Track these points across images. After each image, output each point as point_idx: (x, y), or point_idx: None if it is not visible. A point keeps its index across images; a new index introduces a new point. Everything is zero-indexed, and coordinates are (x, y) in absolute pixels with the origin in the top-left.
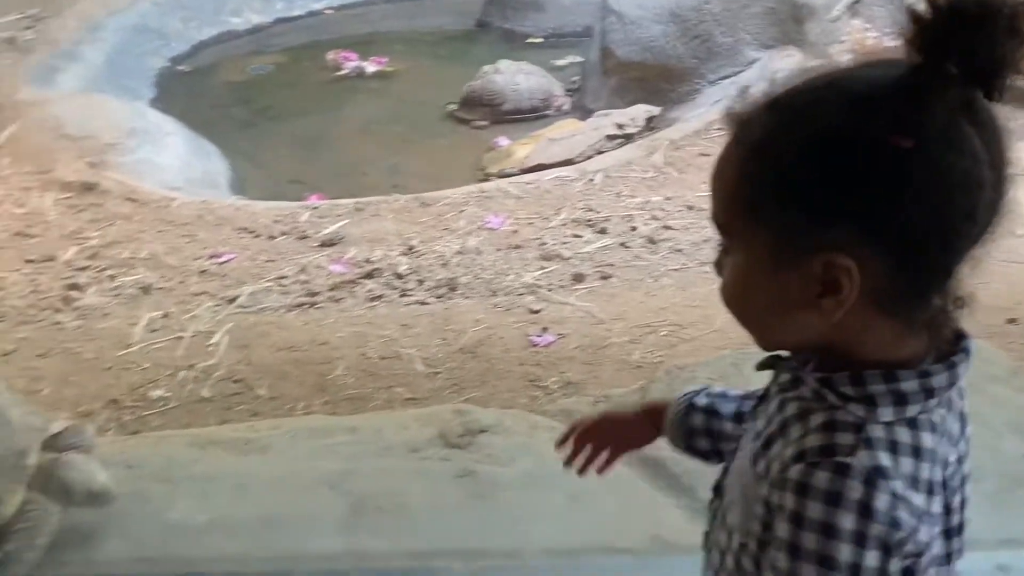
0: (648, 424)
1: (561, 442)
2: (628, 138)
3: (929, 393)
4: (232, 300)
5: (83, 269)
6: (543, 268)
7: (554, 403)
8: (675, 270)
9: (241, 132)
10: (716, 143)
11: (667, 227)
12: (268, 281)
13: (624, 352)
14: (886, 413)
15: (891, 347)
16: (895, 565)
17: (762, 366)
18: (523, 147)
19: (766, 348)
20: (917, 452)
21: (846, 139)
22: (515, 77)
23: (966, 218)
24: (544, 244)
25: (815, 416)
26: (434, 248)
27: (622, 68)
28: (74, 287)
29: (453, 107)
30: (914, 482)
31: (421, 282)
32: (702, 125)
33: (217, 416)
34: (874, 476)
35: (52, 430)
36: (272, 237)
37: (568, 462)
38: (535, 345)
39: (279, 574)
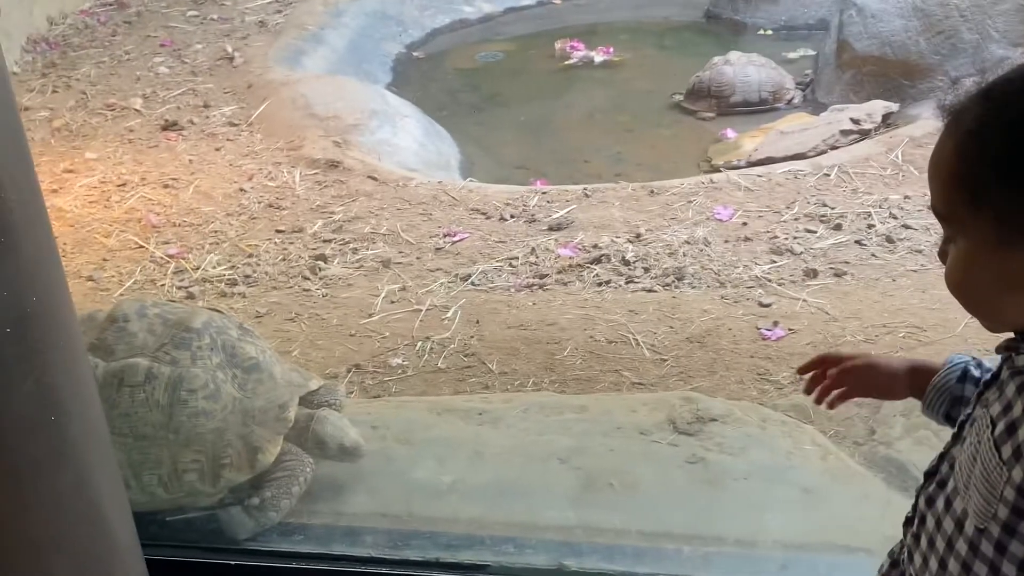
0: (905, 382)
1: (806, 368)
2: (864, 134)
3: None
4: (465, 278)
5: (328, 241)
6: (774, 262)
7: (785, 398)
8: (914, 271)
9: (470, 117)
10: None
11: (906, 226)
12: (499, 261)
13: (865, 349)
14: None
15: None
16: None
17: (1004, 348)
18: (751, 139)
19: (994, 330)
20: None
21: None
22: (745, 68)
23: None
24: (775, 238)
25: None
26: (661, 237)
27: (859, 62)
28: (320, 258)
29: (679, 97)
30: None
31: (648, 270)
32: None
33: (451, 386)
34: None
35: (310, 387)
36: (503, 219)
37: (801, 371)
38: (765, 339)
39: (514, 540)
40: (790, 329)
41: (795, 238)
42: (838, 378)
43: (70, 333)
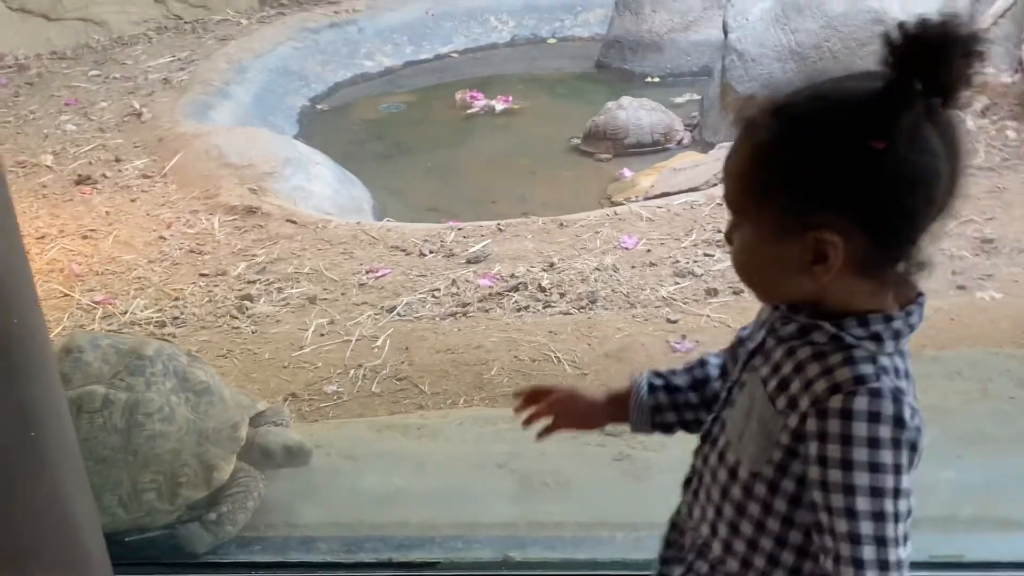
0: (605, 411)
1: (520, 396)
2: None
3: (909, 329)
4: (391, 309)
5: (253, 282)
6: (677, 284)
7: None
8: None
9: (378, 164)
10: None
11: None
12: (422, 293)
13: None
14: (889, 346)
15: (872, 300)
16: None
17: (768, 322)
18: (647, 177)
19: (764, 302)
20: (908, 375)
21: (835, 141)
22: (637, 112)
23: (927, 202)
24: (677, 262)
25: (834, 356)
26: (573, 265)
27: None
28: (247, 297)
29: (577, 141)
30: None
31: (563, 295)
32: None
33: (387, 408)
34: (898, 394)
35: (258, 408)
36: (422, 255)
37: (516, 411)
38: (675, 351)
39: (462, 537)
40: (697, 341)
41: (695, 261)
42: (546, 410)
43: (46, 354)
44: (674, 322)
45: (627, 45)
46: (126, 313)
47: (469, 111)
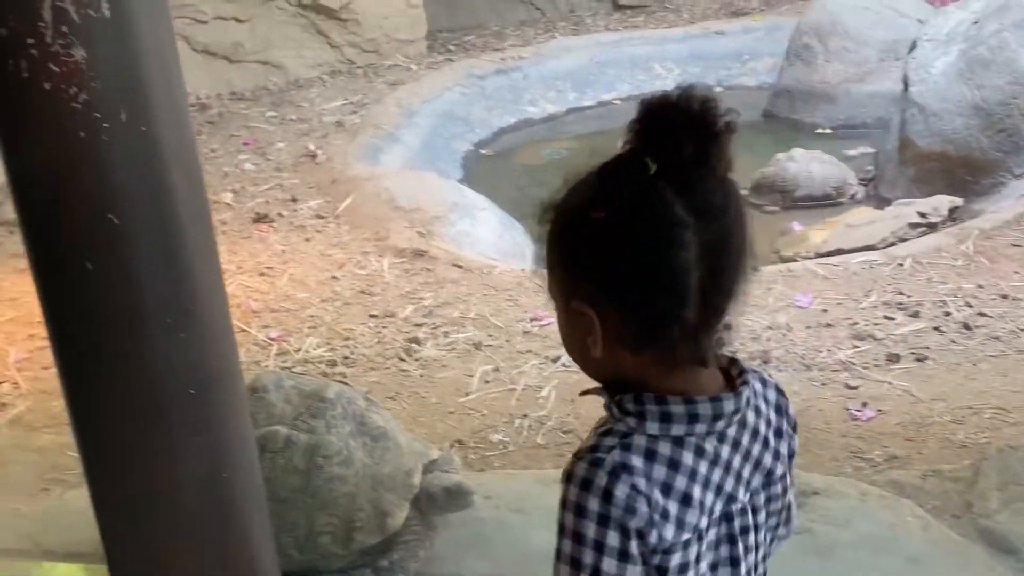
0: None
1: None
2: (931, 227)
3: (693, 418)
4: (555, 359)
5: (420, 325)
6: (856, 347)
7: (880, 474)
8: (993, 356)
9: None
10: None
11: (982, 314)
12: None
13: (947, 431)
14: (652, 427)
15: (667, 380)
16: (635, 548)
17: (584, 392)
18: (819, 232)
19: (592, 379)
20: (675, 465)
21: (568, 214)
22: (809, 165)
23: (672, 272)
24: (855, 324)
25: (601, 425)
26: (744, 322)
27: (922, 159)
28: (414, 340)
29: (744, 192)
30: (666, 488)
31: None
32: (1013, 216)
33: (552, 462)
34: (619, 470)
35: (431, 456)
36: None
37: None
38: (855, 419)
39: None
40: (879, 410)
41: (875, 324)
42: None
43: (240, 397)
44: (854, 388)
45: (797, 95)
46: (299, 351)
47: None
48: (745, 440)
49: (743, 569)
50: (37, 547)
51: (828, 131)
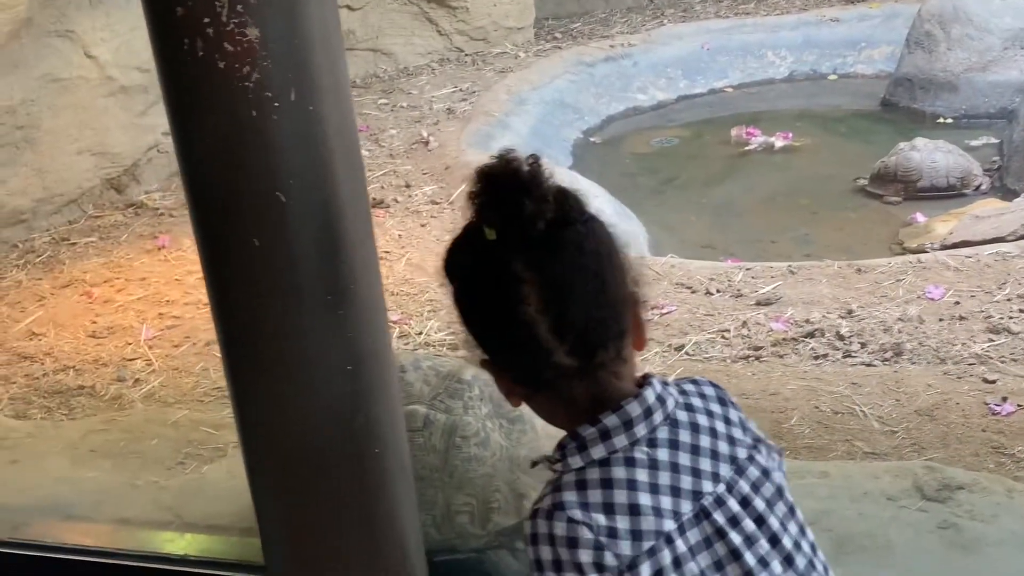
0: None
1: None
2: None
3: (606, 435)
4: (679, 348)
5: None
6: (991, 340)
7: None
8: None
9: (650, 199)
10: None
11: None
12: (711, 333)
13: None
14: (575, 461)
15: (568, 414)
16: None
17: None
18: (943, 224)
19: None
20: (608, 483)
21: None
22: (932, 154)
23: (520, 325)
24: (990, 317)
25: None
26: (874, 314)
27: None
28: None
29: (863, 182)
30: (607, 507)
31: (864, 345)
32: None
33: None
34: (552, 511)
35: None
36: (709, 293)
37: None
38: (995, 414)
39: None
40: (1019, 405)
41: (1011, 318)
42: None
43: (391, 374)
44: (992, 382)
45: (918, 83)
46: (420, 334)
47: (746, 147)
48: (685, 437)
49: (751, 559)
50: (178, 519)
51: (949, 121)
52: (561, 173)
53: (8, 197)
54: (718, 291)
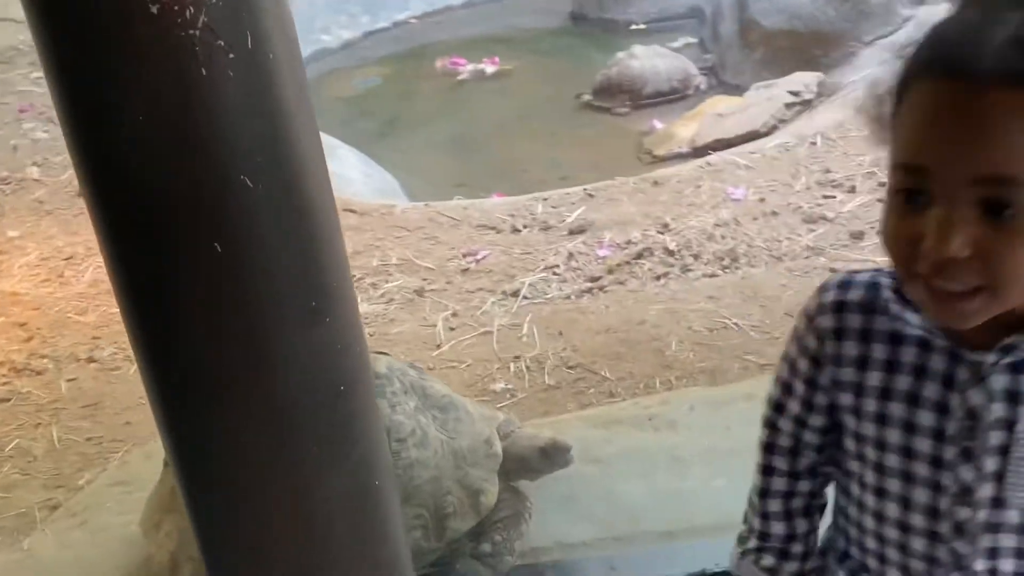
0: None
1: None
2: (806, 104)
3: None
4: (514, 293)
5: None
6: (813, 231)
7: None
8: None
9: (379, 144)
10: None
11: None
12: (540, 272)
13: None
14: None
15: None
16: (803, 365)
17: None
18: (683, 127)
19: (1004, 310)
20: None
21: None
22: (652, 61)
23: None
24: (800, 208)
25: None
26: (689, 224)
27: (769, 38)
28: None
29: (588, 97)
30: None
31: (697, 256)
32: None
33: (573, 401)
34: (837, 284)
35: (499, 418)
36: (516, 231)
37: None
38: None
39: None
40: None
41: (819, 205)
42: None
43: (373, 389)
44: (837, 271)
45: None
46: None
47: (459, 77)
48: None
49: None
50: None
51: (643, 27)
52: None
53: None
54: (525, 227)
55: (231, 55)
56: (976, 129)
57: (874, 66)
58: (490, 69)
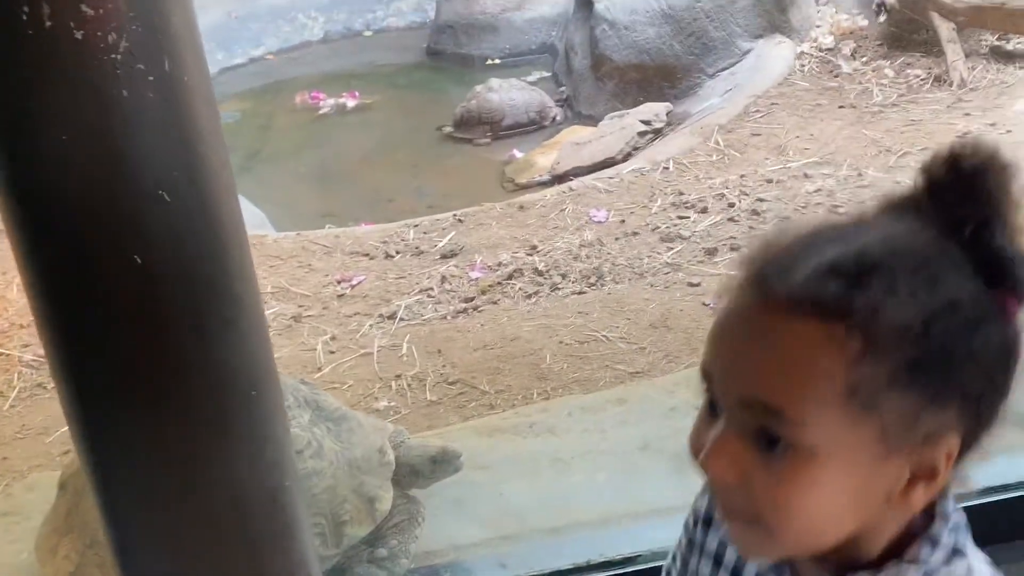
0: None
1: None
2: (657, 133)
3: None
4: (391, 316)
5: None
6: (671, 248)
7: None
8: None
9: (243, 177)
10: (762, 124)
11: (760, 199)
12: (415, 295)
13: None
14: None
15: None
16: None
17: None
18: (542, 155)
19: (795, 553)
20: None
21: (964, 310)
22: (510, 93)
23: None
24: (657, 228)
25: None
26: (556, 245)
27: (619, 72)
28: None
29: (448, 129)
30: None
31: (564, 276)
32: (741, 109)
33: (455, 414)
34: None
35: (389, 429)
36: (389, 256)
37: None
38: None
39: (651, 525)
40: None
41: (675, 225)
42: None
43: (280, 392)
44: (696, 285)
45: (460, 29)
46: None
47: (320, 112)
48: None
49: None
50: None
51: (497, 61)
52: None
53: None
54: (397, 252)
55: (150, 77)
56: (757, 349)
57: (717, 96)
58: (351, 103)
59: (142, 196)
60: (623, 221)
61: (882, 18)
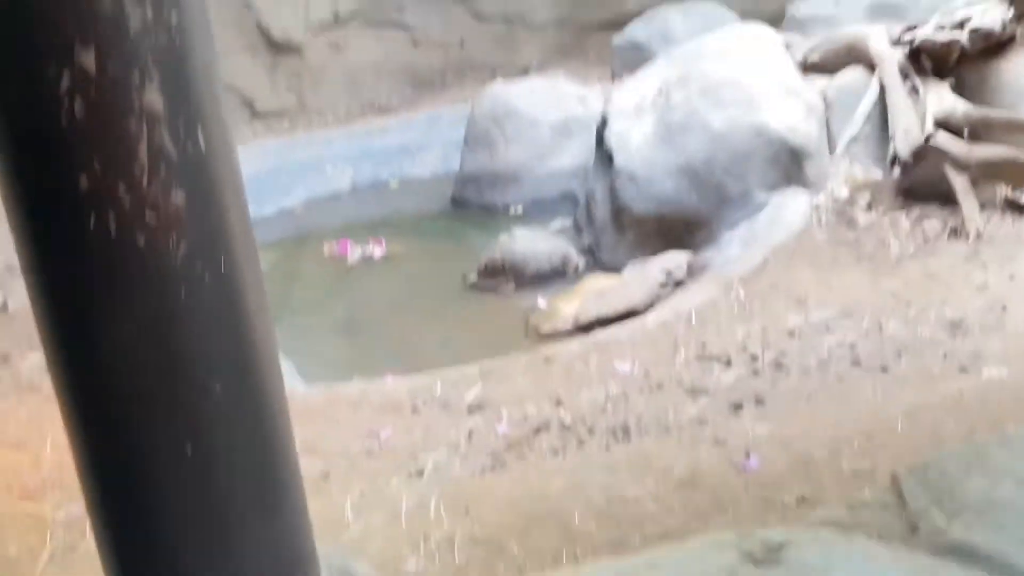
0: None
1: None
2: (678, 284)
3: None
4: (419, 472)
5: None
6: (696, 402)
7: (805, 516)
8: (817, 388)
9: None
10: (781, 275)
11: (783, 352)
12: (444, 450)
13: (832, 464)
14: None
15: None
16: None
17: None
18: (566, 304)
19: None
20: None
21: None
22: (533, 243)
23: None
24: (682, 381)
25: None
26: (582, 397)
27: (639, 223)
28: None
29: (473, 279)
30: None
31: (591, 430)
32: (760, 261)
33: None
34: None
35: None
36: (416, 410)
37: None
38: (747, 471)
39: None
40: (759, 456)
41: (699, 378)
42: None
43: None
44: (723, 442)
45: (484, 180)
46: None
47: (348, 261)
48: None
49: None
50: None
51: (520, 210)
52: None
53: None
54: (424, 404)
55: (207, 279)
56: None
57: (736, 247)
58: (378, 252)
59: (197, 388)
60: (648, 373)
61: (896, 171)
